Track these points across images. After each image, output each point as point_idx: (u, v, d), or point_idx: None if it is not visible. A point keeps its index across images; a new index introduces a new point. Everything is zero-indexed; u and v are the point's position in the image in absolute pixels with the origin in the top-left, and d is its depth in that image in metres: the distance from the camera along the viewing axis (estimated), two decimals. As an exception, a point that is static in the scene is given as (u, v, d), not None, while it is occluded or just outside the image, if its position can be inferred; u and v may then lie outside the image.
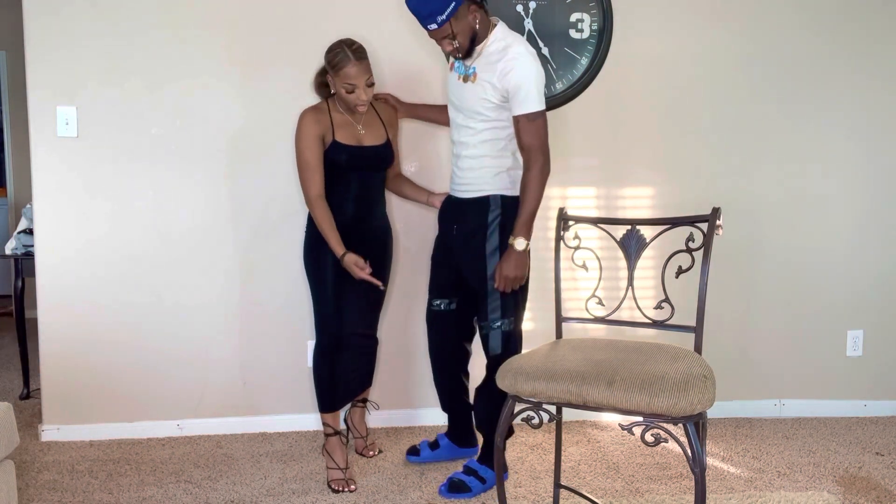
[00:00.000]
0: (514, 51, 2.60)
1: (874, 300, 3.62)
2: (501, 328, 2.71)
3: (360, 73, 2.70)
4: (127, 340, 3.24)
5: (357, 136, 2.83)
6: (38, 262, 3.17)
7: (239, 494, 2.70)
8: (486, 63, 2.65)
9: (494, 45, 2.65)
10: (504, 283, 2.62)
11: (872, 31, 3.52)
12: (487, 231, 2.71)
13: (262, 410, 3.33)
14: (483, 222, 2.71)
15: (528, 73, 2.57)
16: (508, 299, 2.71)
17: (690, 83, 3.47)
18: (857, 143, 3.57)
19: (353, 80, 2.69)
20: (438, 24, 2.57)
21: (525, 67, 2.57)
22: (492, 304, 2.71)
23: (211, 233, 3.26)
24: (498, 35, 2.66)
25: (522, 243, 2.60)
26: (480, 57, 2.67)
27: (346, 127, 2.82)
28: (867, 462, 3.05)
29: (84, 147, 3.16)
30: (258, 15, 3.22)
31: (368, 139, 2.85)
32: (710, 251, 2.13)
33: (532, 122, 2.59)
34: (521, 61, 2.57)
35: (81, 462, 2.99)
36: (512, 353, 2.68)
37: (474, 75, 2.67)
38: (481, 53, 2.66)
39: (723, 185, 3.51)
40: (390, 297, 3.37)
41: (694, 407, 1.81)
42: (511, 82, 2.57)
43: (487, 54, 2.65)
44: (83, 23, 3.11)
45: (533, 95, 2.57)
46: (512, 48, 2.61)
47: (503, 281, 2.62)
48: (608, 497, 2.69)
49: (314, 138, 2.76)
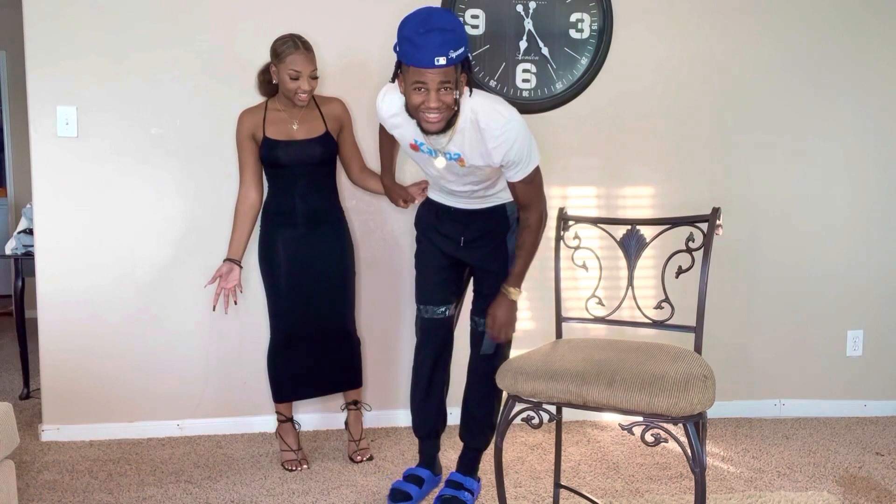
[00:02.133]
0: (492, 126, 2.23)
1: (874, 300, 3.63)
2: None
3: (306, 63, 2.78)
4: (127, 340, 3.24)
5: (289, 132, 2.87)
6: (38, 262, 3.17)
7: (239, 494, 2.70)
8: (464, 144, 2.30)
9: (462, 120, 2.27)
10: (498, 330, 2.47)
11: (873, 32, 3.52)
12: (509, 230, 2.58)
13: (262, 410, 3.33)
14: (504, 221, 2.57)
15: (521, 142, 2.26)
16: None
17: (690, 83, 3.47)
18: (858, 143, 3.57)
19: (298, 68, 2.76)
20: (449, 62, 2.11)
21: (516, 140, 2.25)
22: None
23: (211, 232, 3.26)
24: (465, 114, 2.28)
25: (517, 294, 2.47)
26: (455, 136, 2.29)
27: (279, 123, 2.88)
28: (867, 462, 3.05)
29: (84, 147, 3.16)
30: (258, 15, 3.22)
31: (302, 133, 2.88)
32: (711, 251, 2.13)
33: (530, 183, 2.38)
34: (510, 135, 2.24)
35: (81, 462, 2.99)
36: (503, 355, 2.61)
37: (460, 160, 2.35)
38: (454, 132, 2.28)
39: (723, 185, 3.51)
40: (387, 298, 3.37)
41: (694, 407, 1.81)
42: (507, 160, 2.29)
43: (461, 132, 2.28)
44: (83, 23, 3.11)
45: (527, 160, 2.32)
46: (484, 118, 2.24)
47: (498, 327, 2.46)
48: (608, 497, 2.69)
49: (245, 137, 2.90)
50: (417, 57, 2.10)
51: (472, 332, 2.67)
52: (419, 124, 2.26)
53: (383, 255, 3.38)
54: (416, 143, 2.39)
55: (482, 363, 2.63)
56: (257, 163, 2.91)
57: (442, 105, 2.17)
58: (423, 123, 2.23)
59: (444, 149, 2.34)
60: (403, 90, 2.23)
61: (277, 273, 2.91)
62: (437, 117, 2.19)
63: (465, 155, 2.32)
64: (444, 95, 2.16)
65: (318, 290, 2.92)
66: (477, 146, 2.29)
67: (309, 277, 2.90)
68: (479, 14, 3.31)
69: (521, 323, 3.49)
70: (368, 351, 3.34)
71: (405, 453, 3.12)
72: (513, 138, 2.24)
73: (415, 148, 2.42)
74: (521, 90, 3.36)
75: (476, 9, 3.31)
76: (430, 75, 2.12)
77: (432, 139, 2.31)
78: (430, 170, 2.49)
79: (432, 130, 2.23)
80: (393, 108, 2.38)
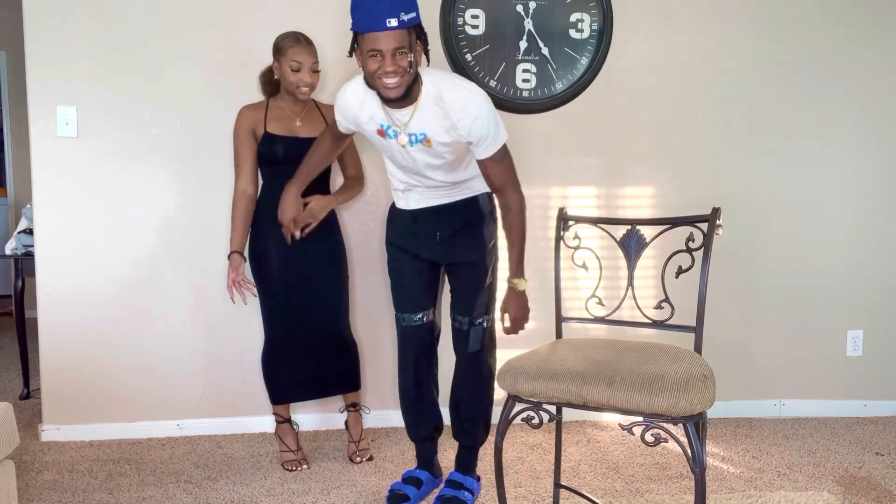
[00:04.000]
0: (455, 98, 2.26)
1: (874, 300, 3.63)
2: (483, 325, 2.58)
3: (307, 55, 2.82)
4: (127, 340, 3.24)
5: (292, 128, 2.88)
6: (38, 262, 3.17)
7: (239, 494, 2.70)
8: (428, 121, 2.30)
9: (425, 95, 2.29)
10: (515, 326, 2.42)
11: (873, 33, 3.52)
12: (484, 222, 2.57)
13: (261, 411, 3.32)
14: (478, 213, 2.56)
15: (486, 116, 2.27)
16: (491, 296, 2.61)
17: (690, 83, 3.47)
18: (858, 143, 3.57)
19: (299, 59, 2.80)
20: (401, 24, 2.14)
21: (482, 112, 2.26)
22: (481, 299, 2.57)
23: (211, 232, 3.26)
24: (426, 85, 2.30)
25: (524, 284, 2.42)
26: (417, 112, 2.29)
27: (282, 119, 2.88)
28: (867, 462, 3.05)
29: (84, 147, 3.16)
30: (258, 15, 3.22)
31: (305, 131, 2.89)
32: (711, 251, 2.13)
33: (500, 161, 2.36)
34: (474, 107, 2.25)
35: (81, 462, 2.99)
36: (490, 349, 2.63)
37: (427, 141, 2.33)
38: (416, 108, 2.29)
39: (723, 185, 3.51)
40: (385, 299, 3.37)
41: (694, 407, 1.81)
42: (475, 135, 2.28)
43: (423, 107, 2.28)
44: (83, 23, 3.11)
45: (495, 134, 2.31)
46: (448, 91, 2.27)
47: (514, 323, 2.42)
48: (608, 497, 2.69)
49: (245, 132, 2.88)
50: (369, 21, 2.14)
51: (454, 331, 2.63)
52: (380, 95, 2.27)
53: (382, 257, 3.37)
54: (383, 127, 2.37)
55: (470, 360, 2.62)
56: (255, 159, 2.90)
57: (398, 69, 2.17)
58: (382, 91, 2.22)
59: (407, 127, 2.32)
60: (361, 63, 2.23)
61: (270, 274, 2.90)
62: (395, 81, 2.18)
63: (431, 133, 2.31)
64: (399, 59, 2.17)
65: (310, 292, 2.91)
66: (441, 121, 2.29)
67: (302, 279, 2.90)
68: (479, 14, 3.31)
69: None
70: (367, 352, 3.34)
71: (405, 453, 3.12)
72: (478, 110, 2.26)
73: (382, 134, 2.39)
74: (521, 90, 3.36)
75: (476, 9, 3.31)
76: (384, 39, 2.14)
77: (395, 116, 2.31)
78: (399, 158, 2.45)
79: (391, 97, 2.22)
80: (358, 93, 2.38)
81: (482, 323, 2.58)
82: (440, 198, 2.55)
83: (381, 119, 2.36)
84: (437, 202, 2.55)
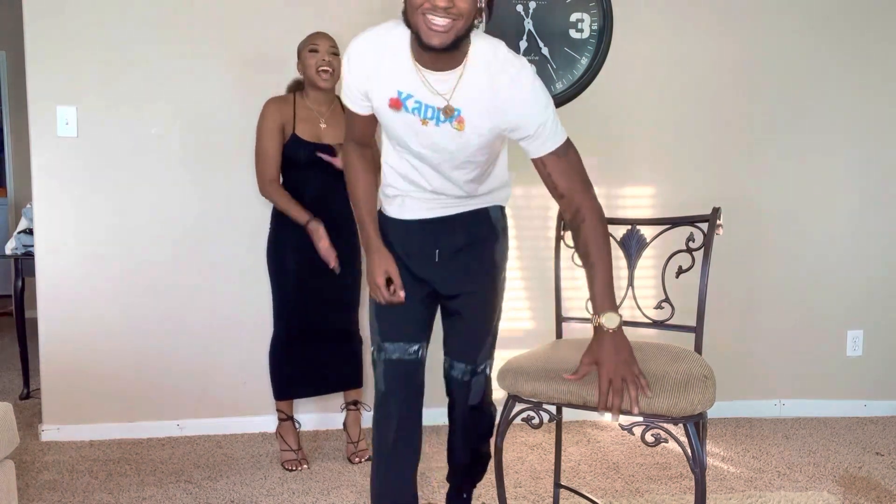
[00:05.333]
0: (506, 69, 1.71)
1: (874, 300, 3.63)
2: (486, 371, 2.10)
3: (324, 39, 2.84)
4: (127, 340, 3.24)
5: (317, 133, 2.88)
6: (38, 262, 3.17)
7: (239, 494, 2.70)
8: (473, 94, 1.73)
9: (476, 55, 1.71)
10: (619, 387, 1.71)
11: (873, 33, 3.52)
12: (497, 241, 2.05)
13: (262, 410, 3.33)
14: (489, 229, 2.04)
15: (543, 97, 1.73)
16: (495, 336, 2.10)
17: (690, 83, 3.47)
18: (857, 143, 3.57)
19: (316, 42, 2.81)
20: None
21: (537, 92, 1.72)
22: (486, 341, 2.07)
23: (211, 233, 3.26)
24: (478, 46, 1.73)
25: (616, 319, 1.75)
26: (465, 77, 1.71)
27: (308, 122, 2.87)
28: (867, 462, 3.05)
29: (84, 147, 3.16)
30: (258, 14, 3.21)
31: (329, 138, 2.88)
32: (711, 251, 2.13)
33: (565, 155, 1.79)
34: (527, 85, 1.71)
35: (81, 462, 2.99)
36: (489, 401, 2.16)
37: (459, 121, 1.74)
38: (464, 70, 1.71)
39: (723, 185, 3.51)
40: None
41: (694, 407, 1.81)
42: (530, 123, 1.73)
43: (471, 72, 1.71)
44: (83, 23, 3.11)
45: (554, 121, 1.76)
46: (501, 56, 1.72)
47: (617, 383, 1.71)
48: (608, 497, 2.69)
49: (274, 127, 2.84)
50: None
51: (449, 379, 2.09)
52: (418, 41, 1.64)
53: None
54: (400, 96, 1.74)
55: (470, 414, 2.11)
56: (279, 155, 2.86)
57: (453, 7, 1.57)
58: (424, 34, 1.61)
59: (452, 98, 1.71)
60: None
61: (286, 274, 2.90)
62: (446, 24, 1.58)
63: (469, 112, 1.73)
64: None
65: (325, 292, 2.93)
66: (487, 97, 1.71)
67: (317, 280, 2.91)
68: (479, 14, 3.31)
69: (522, 322, 3.49)
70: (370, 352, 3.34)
71: None
72: (533, 95, 1.71)
73: (396, 105, 1.76)
74: (521, 90, 3.36)
75: (476, 9, 3.30)
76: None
77: (433, 81, 1.71)
78: (414, 144, 1.84)
79: (434, 43, 1.60)
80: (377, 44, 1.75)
81: (485, 370, 2.10)
82: (443, 208, 1.99)
83: (403, 84, 1.73)
84: (439, 214, 2.00)
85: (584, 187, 1.81)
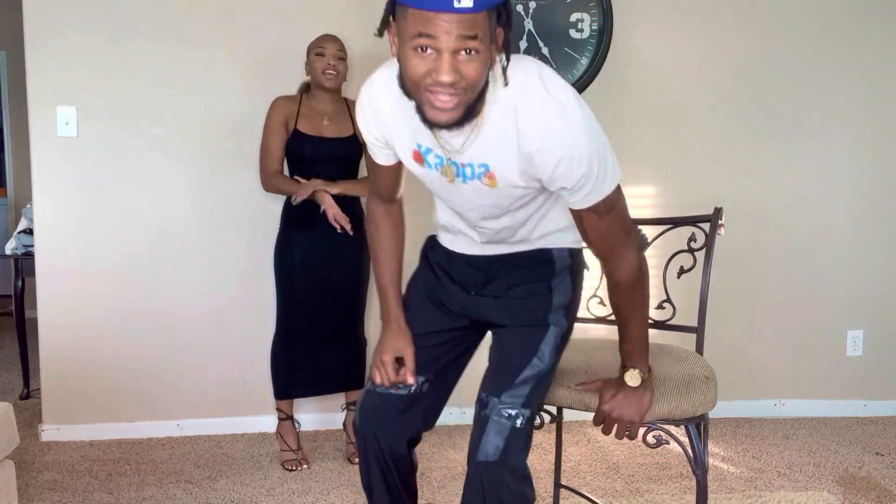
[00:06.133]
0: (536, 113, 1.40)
1: (874, 300, 3.63)
2: (514, 418, 1.61)
3: (331, 41, 2.86)
4: (127, 340, 3.24)
5: (320, 129, 2.90)
6: (38, 262, 3.17)
7: (239, 494, 2.70)
8: (495, 148, 1.45)
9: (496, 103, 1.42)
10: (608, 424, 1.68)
11: (873, 33, 3.52)
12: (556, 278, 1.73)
13: (262, 410, 3.32)
14: (547, 269, 1.74)
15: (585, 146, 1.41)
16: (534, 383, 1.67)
17: (690, 83, 3.47)
18: (858, 143, 3.57)
19: (323, 45, 2.84)
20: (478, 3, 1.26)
21: (577, 141, 1.40)
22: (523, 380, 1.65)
23: (211, 232, 3.25)
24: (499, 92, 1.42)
25: (637, 377, 1.67)
26: (479, 132, 1.44)
27: (312, 118, 2.90)
28: (867, 462, 3.05)
29: (84, 147, 3.16)
30: (259, 14, 3.21)
31: (331, 131, 2.91)
32: (713, 251, 2.13)
33: (606, 213, 1.51)
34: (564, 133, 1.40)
35: (81, 462, 2.99)
36: (512, 464, 1.61)
37: (489, 177, 1.50)
38: (478, 125, 1.43)
39: (723, 185, 3.51)
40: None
41: (696, 409, 1.81)
42: (564, 178, 1.44)
43: (489, 123, 1.43)
44: (83, 23, 3.11)
45: (599, 174, 1.45)
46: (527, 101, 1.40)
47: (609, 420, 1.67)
48: (608, 497, 2.69)
49: (278, 123, 2.89)
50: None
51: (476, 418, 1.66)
52: (420, 110, 1.40)
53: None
54: (420, 148, 1.54)
55: (474, 476, 1.61)
56: (282, 150, 2.90)
57: (461, 80, 1.32)
58: (428, 110, 1.37)
59: (460, 155, 1.48)
60: (398, 52, 1.38)
61: (292, 275, 2.91)
62: (451, 101, 1.34)
63: (497, 167, 1.47)
64: (464, 63, 1.30)
65: (331, 292, 2.93)
66: (514, 148, 1.44)
67: (323, 280, 2.91)
68: (480, 14, 3.31)
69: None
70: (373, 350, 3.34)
71: (405, 453, 3.11)
72: (571, 140, 1.40)
73: (418, 159, 1.56)
74: (522, 90, 3.36)
75: (476, 9, 3.30)
76: (445, 26, 1.27)
77: (442, 138, 1.48)
78: (446, 196, 1.65)
79: (441, 121, 1.37)
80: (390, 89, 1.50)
81: (514, 415, 1.61)
82: (497, 247, 1.74)
83: (419, 136, 1.52)
84: (494, 252, 1.75)
85: (621, 247, 1.57)
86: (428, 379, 1.75)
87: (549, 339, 1.69)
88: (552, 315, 1.70)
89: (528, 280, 1.72)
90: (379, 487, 1.74)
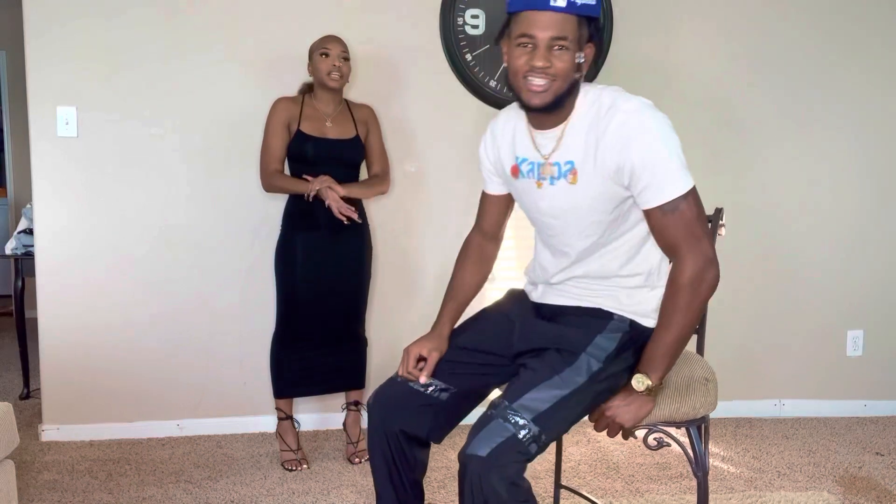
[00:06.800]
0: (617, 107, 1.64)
1: (874, 300, 3.63)
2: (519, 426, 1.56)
3: (336, 43, 2.86)
4: (127, 340, 3.24)
5: (323, 130, 2.89)
6: (38, 262, 3.17)
7: (239, 494, 2.70)
8: (580, 145, 1.67)
9: (584, 105, 1.69)
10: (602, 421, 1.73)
11: (874, 33, 3.52)
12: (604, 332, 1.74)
13: (262, 410, 3.32)
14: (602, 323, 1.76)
15: (655, 134, 1.62)
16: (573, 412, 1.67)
17: (690, 83, 3.47)
18: (858, 143, 3.57)
19: (328, 45, 2.83)
20: (570, 6, 1.58)
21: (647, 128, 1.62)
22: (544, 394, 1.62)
23: (211, 232, 3.25)
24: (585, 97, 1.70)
25: (645, 382, 1.68)
26: (568, 131, 1.69)
27: (314, 120, 2.89)
28: (867, 462, 3.05)
29: (84, 147, 3.15)
30: (259, 14, 3.21)
31: (334, 133, 2.91)
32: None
33: (671, 212, 1.64)
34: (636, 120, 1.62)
35: (81, 462, 2.99)
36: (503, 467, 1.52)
37: (572, 174, 1.69)
38: (568, 125, 1.70)
39: (724, 186, 3.51)
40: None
41: (696, 411, 1.81)
42: (633, 164, 1.61)
43: (578, 123, 1.68)
44: (83, 22, 3.10)
45: (669, 169, 1.62)
46: (609, 98, 1.67)
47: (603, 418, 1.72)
48: (608, 497, 2.69)
49: (280, 124, 2.88)
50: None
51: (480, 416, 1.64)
52: (519, 99, 1.67)
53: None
54: (517, 160, 1.78)
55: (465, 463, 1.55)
56: (283, 151, 2.90)
57: (552, 67, 1.59)
58: (524, 94, 1.64)
59: (552, 155, 1.72)
60: (507, 57, 1.67)
61: (294, 275, 2.91)
62: (544, 84, 1.60)
63: (579, 164, 1.68)
64: (557, 55, 1.60)
65: (332, 293, 2.93)
66: (592, 142, 1.66)
67: (325, 281, 2.91)
68: (479, 14, 3.31)
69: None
70: (375, 353, 3.33)
71: (405, 453, 3.11)
72: (641, 126, 1.61)
73: (515, 172, 1.80)
74: (522, 90, 3.36)
75: (476, 9, 3.31)
76: (542, 22, 1.57)
77: (539, 139, 1.73)
78: (536, 213, 1.82)
79: (534, 103, 1.63)
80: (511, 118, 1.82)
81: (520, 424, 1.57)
82: (569, 298, 1.82)
83: (520, 149, 1.78)
84: (563, 302, 1.83)
85: (690, 246, 1.64)
86: (447, 389, 1.79)
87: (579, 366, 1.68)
88: (590, 348, 1.70)
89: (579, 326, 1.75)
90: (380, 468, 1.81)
